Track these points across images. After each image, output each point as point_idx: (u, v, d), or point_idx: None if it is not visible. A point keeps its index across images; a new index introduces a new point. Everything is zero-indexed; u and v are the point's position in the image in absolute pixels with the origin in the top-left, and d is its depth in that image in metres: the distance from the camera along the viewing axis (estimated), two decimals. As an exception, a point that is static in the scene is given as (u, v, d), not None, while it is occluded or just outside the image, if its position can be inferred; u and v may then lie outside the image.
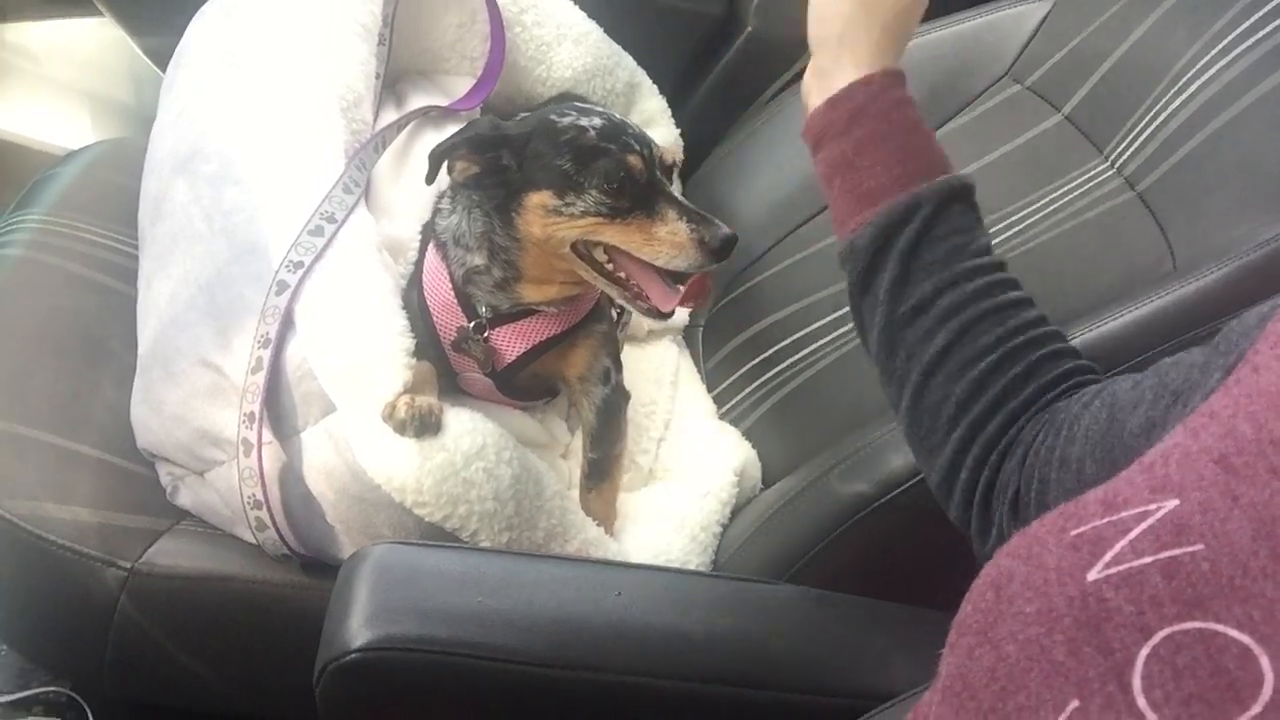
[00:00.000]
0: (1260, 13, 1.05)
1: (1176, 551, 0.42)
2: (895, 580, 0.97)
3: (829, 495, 0.99)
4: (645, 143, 1.07)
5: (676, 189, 1.58)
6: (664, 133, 1.60)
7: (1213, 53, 1.08)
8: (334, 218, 1.04)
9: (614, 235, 1.05)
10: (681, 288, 1.09)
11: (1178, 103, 1.09)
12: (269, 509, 0.99)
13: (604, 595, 0.82)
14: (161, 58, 1.41)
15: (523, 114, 1.26)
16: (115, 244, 1.29)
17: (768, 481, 1.22)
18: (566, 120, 1.06)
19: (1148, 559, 0.43)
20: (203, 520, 1.08)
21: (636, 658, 0.79)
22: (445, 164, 1.07)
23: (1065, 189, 1.17)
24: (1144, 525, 0.44)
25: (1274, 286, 0.91)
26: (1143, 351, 0.93)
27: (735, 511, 1.17)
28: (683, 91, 1.71)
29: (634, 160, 1.04)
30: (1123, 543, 0.44)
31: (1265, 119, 1.00)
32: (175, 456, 1.07)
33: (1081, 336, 0.95)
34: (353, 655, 0.75)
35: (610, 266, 1.08)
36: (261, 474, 0.98)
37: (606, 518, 1.14)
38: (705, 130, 1.63)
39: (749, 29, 1.69)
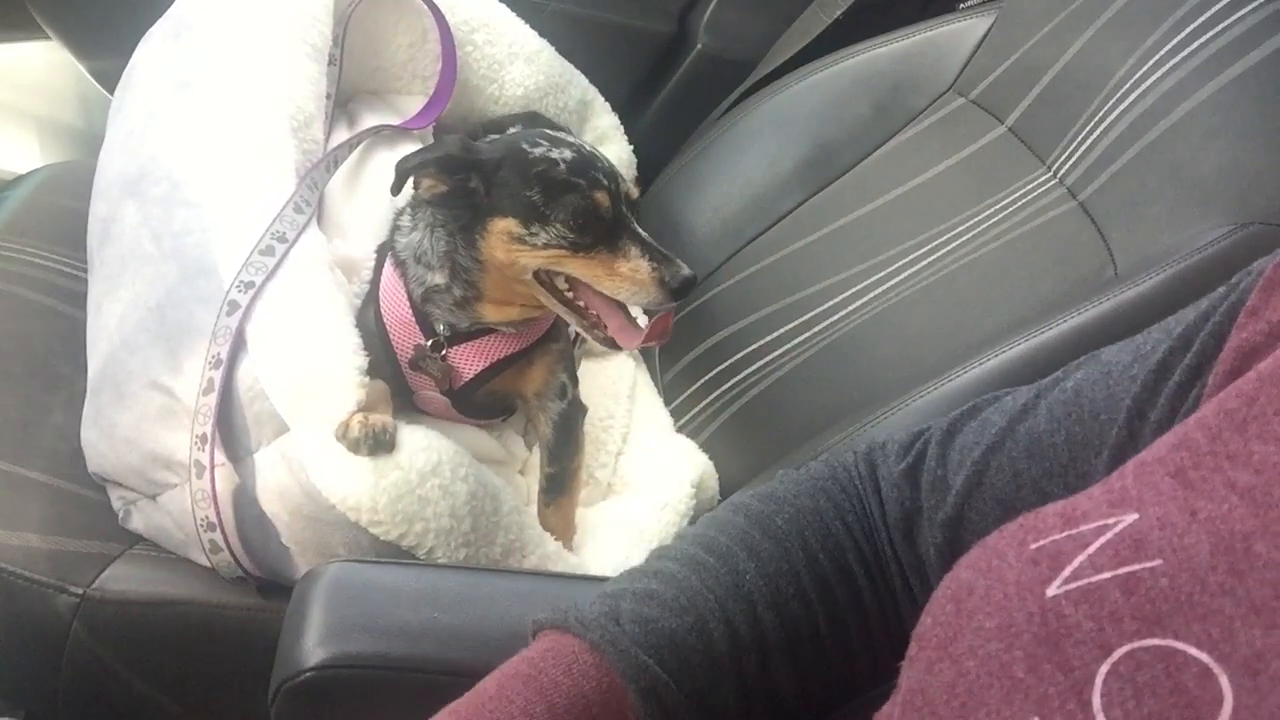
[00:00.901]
0: (1191, 26, 1.08)
1: (1135, 567, 0.42)
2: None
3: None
4: (614, 178, 1.08)
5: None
6: (617, 149, 1.61)
7: (1148, 65, 1.10)
8: (285, 237, 1.04)
9: (576, 268, 1.06)
10: (645, 327, 1.10)
11: (1116, 114, 1.11)
12: (223, 531, 0.98)
13: (559, 606, 0.82)
14: (109, 80, 1.40)
15: (492, 136, 1.27)
16: (64, 268, 1.28)
17: (725, 492, 1.23)
18: (538, 151, 1.07)
19: (1107, 574, 0.42)
20: (156, 544, 1.07)
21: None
22: (412, 179, 1.08)
23: (1010, 199, 1.19)
24: (1103, 540, 0.44)
25: (1212, 288, 0.94)
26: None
27: (693, 523, 1.17)
28: (635, 108, 1.73)
29: (601, 197, 1.05)
30: (1081, 557, 0.43)
31: (1199, 128, 1.03)
32: (127, 480, 1.06)
33: (1027, 342, 0.97)
34: (307, 674, 0.74)
35: (570, 295, 1.09)
36: (214, 496, 0.97)
37: (565, 532, 1.15)
38: (658, 146, 1.65)
39: (699, 46, 1.72)
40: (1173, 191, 1.02)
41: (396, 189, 1.07)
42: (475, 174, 1.07)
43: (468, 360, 1.14)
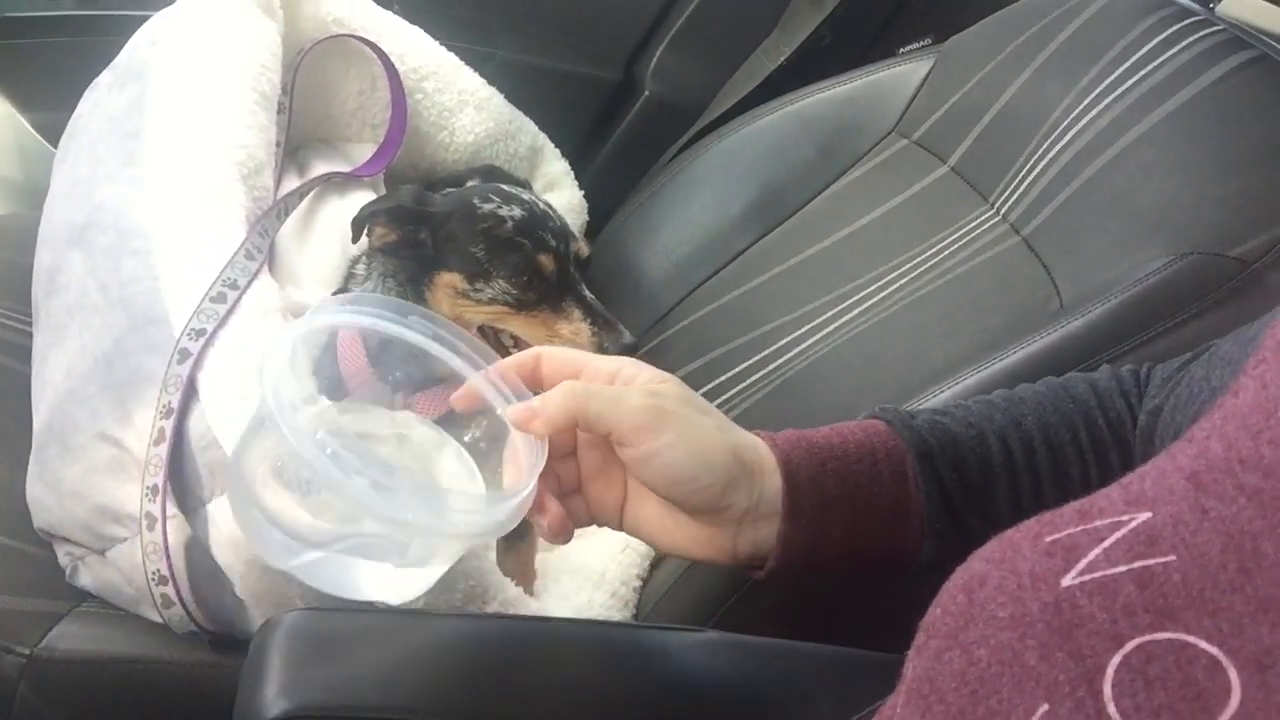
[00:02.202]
0: (1124, 66, 1.12)
1: (1150, 562, 0.43)
2: (814, 620, 0.98)
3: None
4: (563, 238, 1.09)
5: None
6: (568, 195, 1.62)
7: (1084, 104, 1.14)
8: (236, 284, 1.03)
9: (518, 325, 1.07)
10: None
11: (1054, 151, 1.15)
12: (175, 584, 0.96)
13: (525, 652, 0.81)
14: (51, 133, 1.39)
15: (448, 190, 1.27)
16: (7, 321, 1.26)
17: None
18: (487, 207, 1.08)
19: (1121, 568, 0.43)
20: (105, 601, 1.04)
21: (560, 712, 0.78)
22: (367, 227, 1.08)
23: (955, 236, 1.21)
24: (1118, 534, 0.45)
25: (1155, 317, 0.96)
26: (1037, 386, 0.97)
27: (654, 564, 1.17)
28: (585, 154, 1.75)
29: (545, 260, 1.06)
30: (1097, 551, 0.44)
31: (1135, 163, 1.06)
32: (74, 535, 1.03)
33: (977, 374, 0.98)
34: (268, 726, 0.72)
35: (514, 350, 1.09)
36: (167, 548, 0.95)
37: (524, 577, 1.13)
38: (608, 191, 1.67)
39: (646, 93, 1.74)
40: (1113, 225, 1.05)
41: (355, 237, 1.07)
42: (425, 226, 1.07)
43: (426, 409, 1.12)
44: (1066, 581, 0.44)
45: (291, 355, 0.64)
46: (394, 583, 0.71)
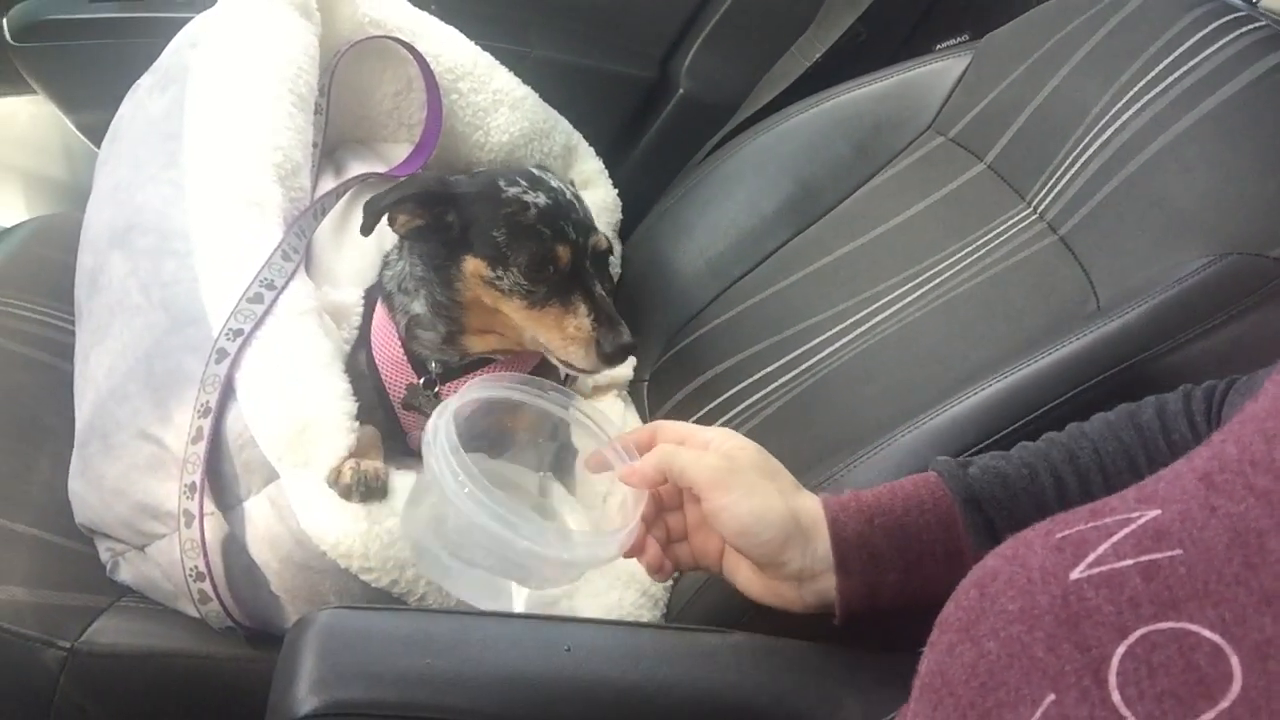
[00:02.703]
0: (1164, 62, 1.11)
1: (1156, 555, 0.44)
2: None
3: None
4: (585, 230, 1.08)
5: (617, 249, 1.61)
6: (602, 194, 1.63)
7: (1123, 101, 1.13)
8: (273, 284, 1.04)
9: (527, 319, 1.06)
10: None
11: (1094, 149, 1.13)
12: (212, 581, 0.97)
13: (554, 651, 0.82)
14: (95, 134, 1.41)
15: (478, 169, 1.27)
16: (50, 319, 1.28)
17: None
18: (513, 191, 1.07)
19: (1129, 561, 0.44)
20: (144, 596, 1.06)
21: (587, 712, 0.78)
22: (386, 217, 1.08)
23: (991, 235, 1.20)
24: (1126, 530, 0.46)
25: (1193, 319, 0.95)
26: (1073, 388, 0.96)
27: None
28: (619, 153, 1.75)
29: (562, 251, 1.05)
30: (1105, 546, 0.45)
31: (1175, 162, 1.05)
32: (114, 531, 1.05)
33: (1011, 376, 0.97)
34: (300, 723, 0.73)
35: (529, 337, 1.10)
36: (204, 545, 0.97)
37: None
38: (642, 190, 1.66)
39: (680, 91, 1.74)
40: (1152, 224, 1.04)
41: (367, 229, 1.07)
42: (452, 208, 1.07)
43: (447, 393, 1.13)
44: (1074, 575, 0.45)
45: (449, 424, 0.81)
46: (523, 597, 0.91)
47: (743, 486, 0.79)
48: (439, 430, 0.81)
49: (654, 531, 0.87)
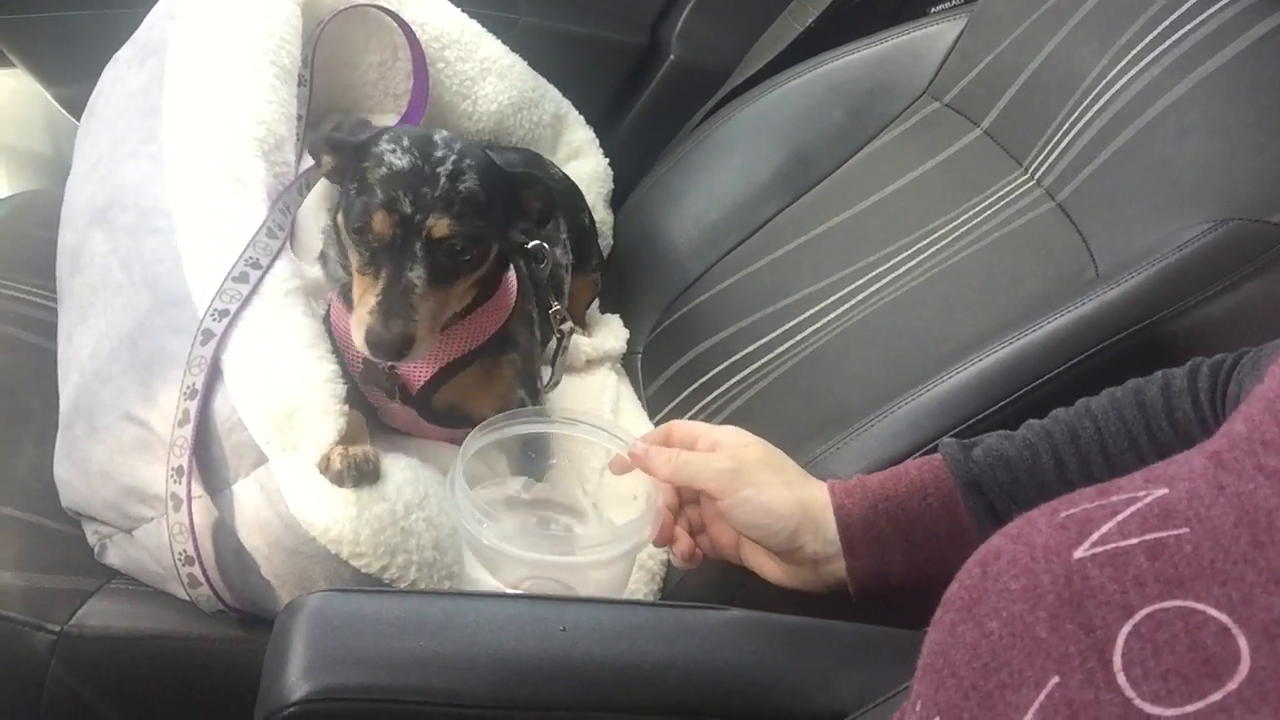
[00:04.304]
0: (1163, 24, 1.09)
1: (1162, 534, 0.43)
2: (845, 598, 0.97)
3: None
4: (426, 208, 0.97)
5: (608, 221, 1.58)
6: (593, 163, 1.61)
7: (1122, 64, 1.11)
8: (259, 263, 1.02)
9: (355, 284, 1.01)
10: None
11: (1091, 113, 1.11)
12: (201, 565, 0.96)
13: (548, 631, 0.81)
14: (76, 107, 1.38)
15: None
16: (33, 298, 1.26)
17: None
18: (384, 146, 0.99)
19: (1134, 540, 0.43)
20: (133, 578, 1.04)
21: (584, 693, 0.77)
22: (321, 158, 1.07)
23: (988, 202, 1.19)
24: (1132, 509, 0.45)
25: (1193, 286, 0.94)
26: (1071, 357, 0.95)
27: (677, 539, 1.16)
28: (610, 121, 1.72)
29: (379, 220, 0.96)
30: (1110, 524, 0.45)
31: (1175, 126, 1.03)
32: (102, 514, 1.04)
33: (1010, 345, 0.96)
34: (291, 709, 0.72)
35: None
36: (193, 529, 0.95)
37: None
38: (634, 158, 1.65)
39: (671, 58, 1.71)
40: (1151, 190, 1.02)
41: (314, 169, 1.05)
42: (346, 154, 1.03)
43: (415, 369, 1.11)
44: (1078, 554, 0.44)
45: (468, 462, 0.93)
46: None
47: (751, 485, 0.84)
48: (455, 484, 0.90)
49: (680, 522, 0.94)
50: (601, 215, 1.59)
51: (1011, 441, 0.82)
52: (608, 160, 1.62)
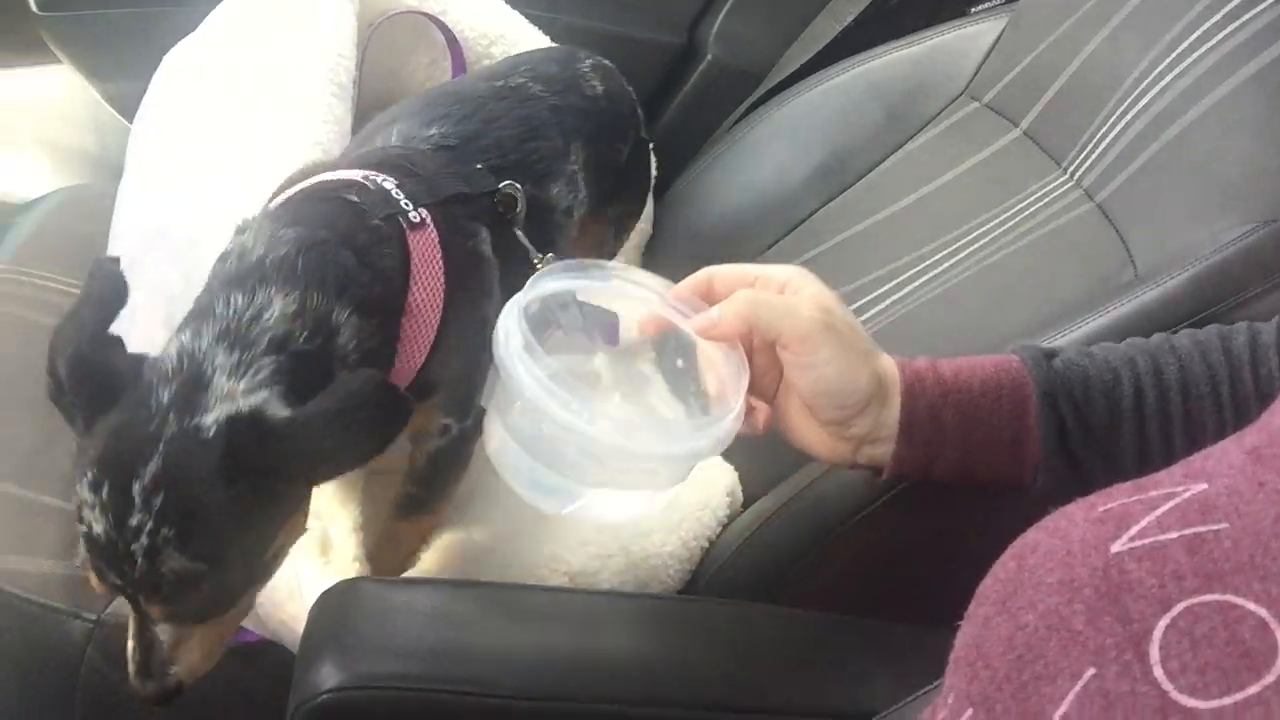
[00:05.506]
0: (1209, 22, 1.07)
1: (1201, 529, 0.43)
2: (873, 596, 0.97)
3: (807, 512, 0.99)
4: (135, 587, 0.81)
5: (648, 213, 1.58)
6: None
7: (1165, 63, 1.09)
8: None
9: None
10: None
11: (1133, 113, 1.10)
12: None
13: (579, 624, 0.82)
14: (124, 104, 1.40)
15: None
16: (77, 292, 1.28)
17: (746, 503, 1.22)
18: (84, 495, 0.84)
19: (1173, 534, 0.43)
20: (171, 566, 1.06)
21: (610, 685, 0.78)
22: None
23: (1026, 202, 1.18)
24: (1171, 504, 0.45)
25: (1234, 288, 0.92)
26: (1109, 359, 0.94)
27: (727, 527, 1.14)
28: (647, 119, 1.72)
29: (94, 579, 0.82)
30: (1149, 519, 0.45)
31: (1218, 125, 1.02)
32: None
33: (1047, 346, 0.95)
34: (325, 696, 0.73)
35: None
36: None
37: (412, 547, 1.06)
38: (671, 157, 1.64)
39: (709, 57, 1.71)
40: (1192, 191, 1.01)
41: None
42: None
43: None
44: (1116, 548, 0.44)
45: (521, 323, 0.71)
46: (635, 506, 0.81)
47: (833, 344, 0.73)
48: (510, 333, 0.71)
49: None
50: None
51: (1092, 360, 0.78)
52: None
